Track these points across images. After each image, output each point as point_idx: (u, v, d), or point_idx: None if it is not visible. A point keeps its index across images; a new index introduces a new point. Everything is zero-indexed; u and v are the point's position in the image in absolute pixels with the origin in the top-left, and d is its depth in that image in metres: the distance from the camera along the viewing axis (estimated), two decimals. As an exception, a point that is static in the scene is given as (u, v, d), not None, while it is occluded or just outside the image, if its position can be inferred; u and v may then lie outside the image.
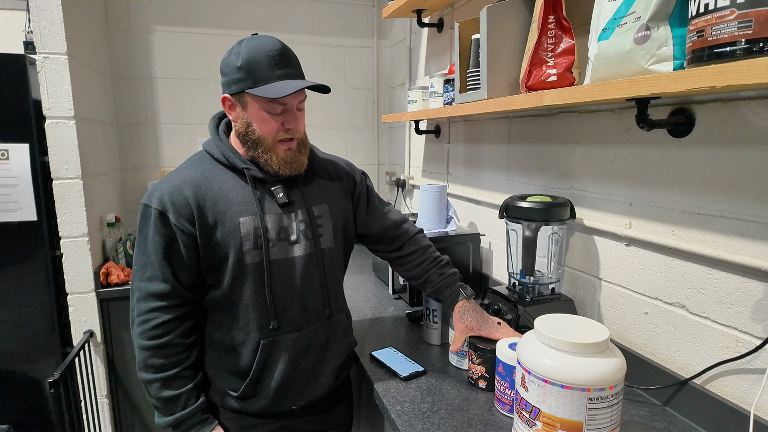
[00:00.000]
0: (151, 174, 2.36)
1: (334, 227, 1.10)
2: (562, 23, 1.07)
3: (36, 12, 1.64)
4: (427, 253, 1.24)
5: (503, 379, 0.97)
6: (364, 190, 1.22)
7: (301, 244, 1.04)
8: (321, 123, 2.63)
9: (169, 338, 0.97)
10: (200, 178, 0.99)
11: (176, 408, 0.98)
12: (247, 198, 1.00)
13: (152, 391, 0.98)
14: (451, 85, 1.61)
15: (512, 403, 0.95)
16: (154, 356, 0.97)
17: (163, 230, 0.96)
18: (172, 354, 0.98)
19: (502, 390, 0.97)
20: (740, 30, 0.62)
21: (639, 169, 1.06)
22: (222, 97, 1.01)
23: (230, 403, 1.05)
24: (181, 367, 0.99)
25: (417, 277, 1.23)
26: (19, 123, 1.68)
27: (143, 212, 0.98)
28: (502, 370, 0.97)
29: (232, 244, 0.97)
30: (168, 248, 0.97)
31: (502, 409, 0.98)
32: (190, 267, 0.99)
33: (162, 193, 0.97)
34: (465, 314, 1.13)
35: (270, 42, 0.96)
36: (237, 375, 1.03)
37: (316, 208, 1.08)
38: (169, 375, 0.98)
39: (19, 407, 1.81)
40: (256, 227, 0.99)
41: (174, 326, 0.98)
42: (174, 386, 0.98)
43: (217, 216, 0.97)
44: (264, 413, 1.05)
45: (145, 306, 0.98)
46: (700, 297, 0.94)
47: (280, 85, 0.94)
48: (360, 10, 2.62)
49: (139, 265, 0.98)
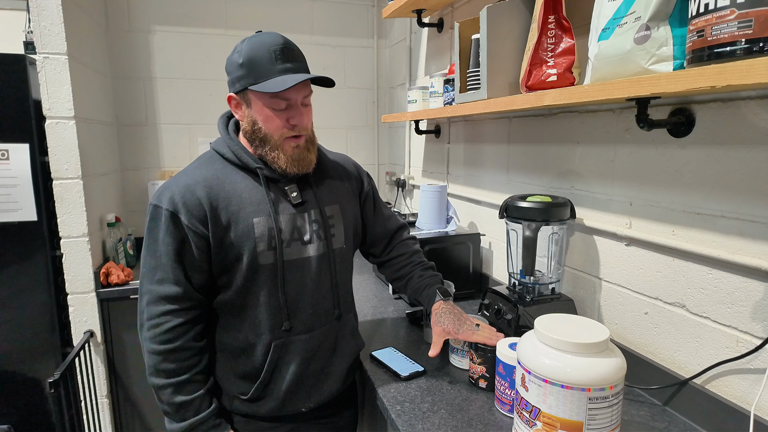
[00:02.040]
0: (151, 174, 2.36)
1: (345, 228, 1.10)
2: (562, 23, 1.07)
3: (36, 12, 1.64)
4: (414, 256, 1.27)
5: (503, 379, 0.97)
6: (371, 192, 1.23)
7: (314, 244, 1.03)
8: (321, 123, 2.63)
9: (181, 342, 0.95)
10: (212, 178, 0.98)
11: (189, 414, 0.95)
12: (261, 198, 0.99)
13: (164, 396, 0.95)
14: (451, 85, 1.61)
15: (512, 403, 0.95)
16: (166, 361, 0.94)
17: (175, 231, 0.93)
18: (185, 358, 0.96)
19: (503, 390, 0.97)
20: (740, 30, 0.62)
21: (639, 169, 1.06)
22: (227, 96, 1.00)
23: (239, 407, 1.03)
24: (194, 371, 0.97)
25: (400, 278, 1.26)
26: (19, 123, 1.68)
27: (153, 213, 0.95)
28: (502, 370, 0.97)
29: (246, 245, 0.96)
30: (180, 250, 0.94)
31: (502, 409, 0.98)
32: (202, 269, 0.97)
33: (173, 193, 0.94)
34: (442, 317, 1.11)
35: (271, 37, 0.95)
36: (247, 377, 1.02)
37: (328, 208, 1.07)
38: (181, 380, 0.95)
39: (19, 407, 1.81)
40: (270, 228, 0.98)
41: (186, 330, 0.96)
42: (186, 391, 0.95)
43: (231, 217, 0.96)
44: (273, 416, 1.04)
45: (156, 309, 0.94)
46: (700, 297, 0.94)
47: (281, 79, 0.92)
48: (360, 10, 2.62)
49: (149, 267, 0.96)
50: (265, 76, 0.93)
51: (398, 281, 1.26)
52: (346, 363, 1.11)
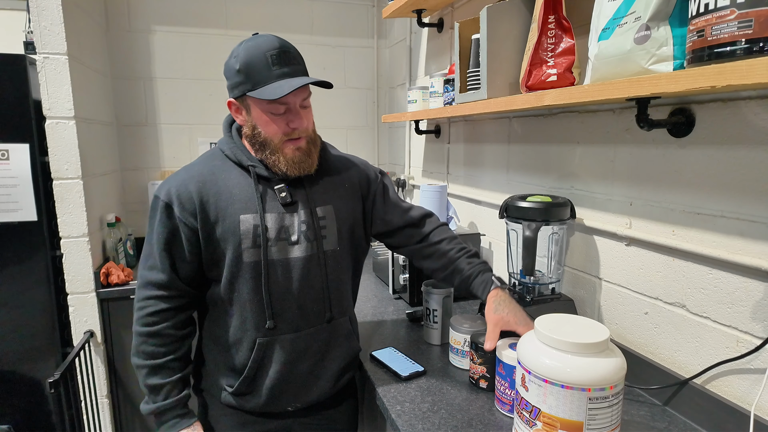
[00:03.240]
0: (151, 174, 2.36)
1: (339, 229, 1.07)
2: (562, 23, 1.07)
3: (36, 12, 1.64)
4: (454, 242, 1.16)
5: (503, 379, 0.97)
6: (380, 188, 1.17)
7: (301, 245, 1.02)
8: (321, 123, 2.63)
9: (162, 327, 0.99)
10: (207, 174, 1.01)
11: (158, 397, 1.00)
12: (250, 195, 1.00)
13: (140, 376, 1.00)
14: (451, 85, 1.61)
15: (512, 403, 0.95)
16: (146, 343, 0.99)
17: (168, 222, 0.98)
18: (163, 344, 1.00)
19: (503, 390, 0.97)
20: (740, 30, 0.62)
21: (639, 168, 1.06)
22: (228, 102, 1.01)
23: (227, 399, 1.05)
24: (170, 357, 1.01)
25: (444, 267, 1.14)
26: (20, 123, 1.68)
27: (153, 203, 1.00)
28: (502, 370, 0.97)
29: (231, 241, 0.98)
30: (170, 240, 0.99)
31: (502, 409, 0.98)
32: (191, 261, 1.00)
33: (170, 186, 0.99)
34: (500, 305, 1.02)
35: (267, 41, 0.95)
36: (233, 371, 1.04)
37: (320, 209, 1.05)
38: (157, 363, 0.99)
39: (19, 407, 1.81)
40: (256, 225, 0.99)
41: (168, 316, 1.00)
42: (160, 375, 1.00)
43: (219, 212, 0.98)
44: (259, 412, 1.06)
45: (143, 293, 1.00)
46: (700, 297, 0.94)
47: (278, 85, 0.92)
48: (360, 10, 2.62)
49: (144, 254, 1.01)
50: (262, 81, 0.93)
51: (442, 271, 1.15)
52: (337, 366, 1.10)
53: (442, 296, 1.30)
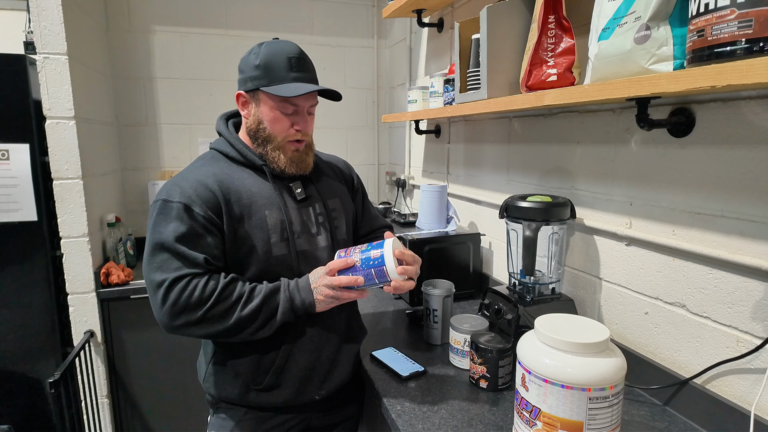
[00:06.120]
0: (151, 174, 2.36)
1: (347, 221, 1.17)
2: (562, 23, 1.07)
3: (36, 12, 1.63)
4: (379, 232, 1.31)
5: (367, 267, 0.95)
6: (360, 191, 1.29)
7: (322, 236, 1.08)
8: (321, 123, 2.63)
9: (201, 287, 0.91)
10: (221, 174, 1.02)
11: (274, 301, 0.96)
12: (269, 192, 1.03)
13: (249, 330, 0.94)
14: (451, 85, 1.61)
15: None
16: (211, 309, 0.91)
17: (188, 222, 0.93)
18: (210, 291, 0.92)
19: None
20: (740, 29, 0.62)
21: (639, 168, 1.06)
22: (237, 93, 1.05)
23: (252, 399, 1.04)
24: (230, 289, 0.94)
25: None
26: (20, 123, 1.68)
27: (161, 208, 0.95)
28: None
29: (259, 236, 1.00)
30: (191, 239, 0.93)
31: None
32: (217, 256, 0.96)
33: (183, 188, 0.96)
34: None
35: (289, 46, 1.01)
36: (261, 366, 1.03)
37: (330, 201, 1.13)
38: (232, 301, 0.93)
39: (19, 407, 1.81)
40: (282, 220, 1.02)
41: (194, 282, 0.92)
42: (247, 301, 0.94)
43: (243, 209, 0.99)
44: (285, 407, 1.06)
45: (161, 292, 0.91)
46: (700, 297, 0.94)
47: (294, 86, 0.98)
48: (360, 10, 2.62)
49: (150, 255, 0.94)
50: (279, 80, 0.99)
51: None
52: (354, 349, 1.15)
53: (442, 296, 1.30)
